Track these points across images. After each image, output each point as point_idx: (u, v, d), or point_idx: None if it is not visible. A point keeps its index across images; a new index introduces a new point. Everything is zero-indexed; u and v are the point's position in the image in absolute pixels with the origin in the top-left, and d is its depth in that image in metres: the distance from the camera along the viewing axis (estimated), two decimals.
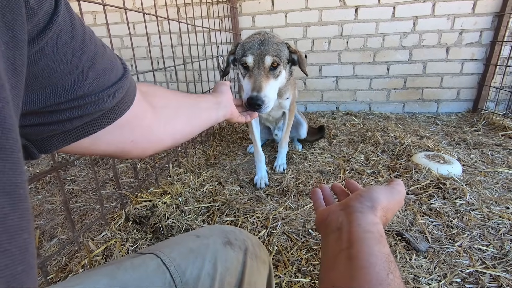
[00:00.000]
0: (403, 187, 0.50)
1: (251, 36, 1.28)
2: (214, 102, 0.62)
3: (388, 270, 0.32)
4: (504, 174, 1.51)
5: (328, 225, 0.43)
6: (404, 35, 2.56)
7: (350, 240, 0.37)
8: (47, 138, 0.31)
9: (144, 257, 0.42)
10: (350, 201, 0.45)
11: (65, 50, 0.27)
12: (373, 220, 0.40)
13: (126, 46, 3.09)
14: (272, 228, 1.16)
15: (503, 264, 0.94)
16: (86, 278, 0.37)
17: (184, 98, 0.54)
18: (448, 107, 2.72)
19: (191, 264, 0.42)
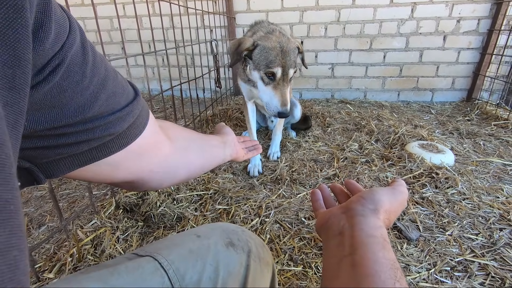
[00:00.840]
0: (406, 188, 0.48)
1: (268, 38, 1.19)
2: (220, 141, 0.62)
3: (394, 278, 0.30)
4: (495, 164, 1.52)
5: (329, 229, 0.41)
6: (401, 22, 2.52)
7: (353, 246, 0.35)
8: (54, 162, 0.29)
9: (140, 260, 0.39)
10: (351, 203, 0.43)
11: (76, 69, 0.26)
12: (376, 223, 0.38)
13: (116, 28, 2.98)
14: (265, 217, 1.16)
15: (491, 253, 0.96)
16: (75, 282, 0.35)
17: (194, 133, 0.55)
18: (443, 96, 2.71)
19: (191, 268, 0.40)
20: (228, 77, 2.90)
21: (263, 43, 1.15)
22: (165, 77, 2.92)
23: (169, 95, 2.90)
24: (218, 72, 2.24)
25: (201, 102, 2.06)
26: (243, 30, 2.78)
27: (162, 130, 0.42)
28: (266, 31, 1.22)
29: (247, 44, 1.16)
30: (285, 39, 1.18)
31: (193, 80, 1.84)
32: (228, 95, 2.86)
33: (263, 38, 1.17)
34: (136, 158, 0.36)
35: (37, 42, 0.21)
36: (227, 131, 0.69)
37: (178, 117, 2.29)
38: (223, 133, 0.68)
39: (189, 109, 2.18)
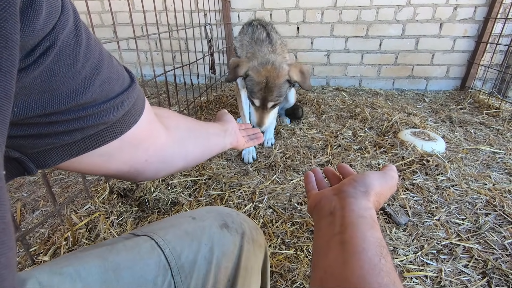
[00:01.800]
0: (396, 173, 0.50)
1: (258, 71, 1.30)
2: (221, 129, 0.61)
3: (380, 255, 0.32)
4: (485, 151, 1.56)
5: (321, 210, 0.43)
6: (398, 8, 2.49)
7: (343, 225, 0.36)
8: (45, 152, 0.28)
9: (138, 239, 0.40)
10: (343, 186, 0.44)
11: (68, 52, 0.24)
12: (366, 205, 0.40)
13: (107, 11, 2.90)
14: (258, 202, 1.17)
15: (476, 237, 0.99)
16: (75, 259, 0.35)
17: (193, 121, 0.53)
18: (437, 84, 2.73)
19: (186, 247, 0.41)
20: (223, 63, 2.86)
21: (252, 74, 1.29)
22: (158, 62, 2.87)
23: (162, 81, 2.85)
24: (212, 57, 2.20)
25: (195, 88, 2.03)
26: (238, 14, 2.72)
27: (158, 119, 0.41)
28: (260, 62, 1.30)
29: (243, 70, 1.31)
30: (275, 74, 1.27)
31: (187, 65, 1.82)
32: (223, 81, 2.83)
33: (254, 70, 1.29)
34: (131, 148, 0.35)
35: (25, 22, 0.20)
36: (229, 119, 0.68)
37: (172, 103, 2.26)
38: (224, 120, 0.67)
39: (183, 95, 2.15)
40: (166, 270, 0.38)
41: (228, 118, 0.68)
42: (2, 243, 0.16)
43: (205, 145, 0.54)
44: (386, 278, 0.29)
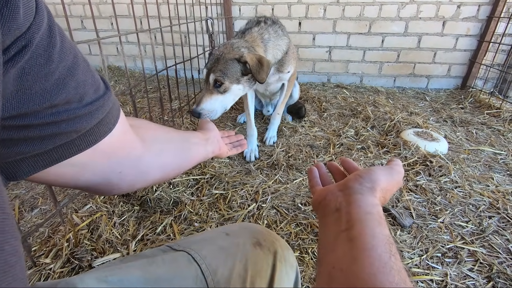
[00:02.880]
0: (402, 167, 0.49)
1: (219, 47, 1.31)
2: (202, 138, 0.60)
3: (390, 252, 0.31)
4: (487, 152, 1.56)
5: (327, 206, 0.42)
6: (402, 5, 2.46)
7: (350, 222, 0.36)
8: (16, 163, 0.27)
9: (175, 254, 0.42)
10: (349, 182, 0.43)
11: (41, 52, 0.24)
12: (372, 201, 0.39)
13: (106, 2, 2.82)
14: (261, 202, 1.16)
15: (480, 240, 0.99)
16: (119, 270, 0.37)
17: (172, 132, 0.52)
18: (438, 83, 2.72)
19: (222, 264, 0.42)
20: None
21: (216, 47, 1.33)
22: (158, 56, 2.81)
23: (163, 75, 2.81)
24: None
25: (196, 82, 2.00)
26: (239, 8, 2.68)
27: (135, 130, 0.40)
28: (222, 44, 1.32)
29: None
30: (226, 50, 1.26)
31: (188, 60, 1.78)
32: None
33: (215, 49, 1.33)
34: (104, 158, 0.34)
35: (1, 21, 0.20)
36: (210, 127, 0.68)
37: (172, 98, 2.23)
38: (206, 129, 0.66)
39: (184, 90, 2.12)
40: (203, 283, 0.39)
41: (210, 126, 0.68)
42: (4, 231, 0.16)
43: (185, 156, 0.53)
44: (397, 276, 0.28)
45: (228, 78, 1.24)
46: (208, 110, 1.25)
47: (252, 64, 1.24)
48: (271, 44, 1.39)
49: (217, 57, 1.24)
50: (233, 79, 1.25)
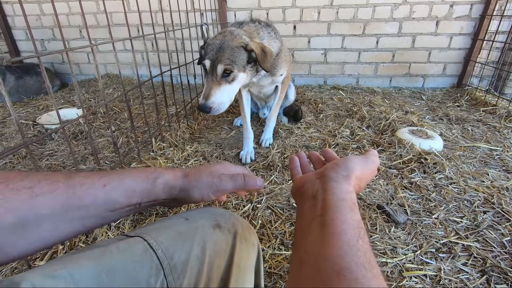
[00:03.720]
0: (377, 157, 0.52)
1: (216, 36, 1.25)
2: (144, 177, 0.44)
3: (358, 236, 0.33)
4: (482, 149, 1.56)
5: (304, 193, 0.44)
6: (395, 6, 2.49)
7: (324, 208, 0.38)
8: None
9: (130, 241, 0.41)
10: (326, 170, 0.45)
11: None
12: (347, 188, 0.41)
13: (102, 11, 2.87)
14: (257, 203, 1.17)
15: (475, 235, 0.99)
16: (70, 262, 0.35)
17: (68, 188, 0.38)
18: (434, 82, 2.73)
19: (179, 248, 0.42)
20: None
21: (209, 41, 1.23)
22: (155, 63, 2.85)
23: (159, 81, 2.84)
24: None
25: (192, 88, 2.03)
26: (234, 13, 2.71)
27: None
28: (220, 32, 1.27)
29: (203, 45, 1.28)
30: (228, 38, 1.20)
31: (184, 65, 1.80)
32: None
33: (210, 38, 1.25)
34: None
35: None
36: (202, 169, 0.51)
37: (169, 103, 2.25)
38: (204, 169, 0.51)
39: (180, 96, 2.14)
40: (159, 270, 0.39)
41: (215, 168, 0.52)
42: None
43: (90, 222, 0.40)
44: (363, 257, 0.30)
45: (237, 66, 1.20)
46: (218, 103, 1.20)
47: (258, 53, 1.22)
48: (266, 42, 1.39)
49: (220, 46, 1.17)
50: (240, 67, 1.22)
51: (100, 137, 1.79)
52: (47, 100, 2.56)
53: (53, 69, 3.19)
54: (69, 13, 2.93)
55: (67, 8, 2.90)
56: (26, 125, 1.97)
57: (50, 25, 3.04)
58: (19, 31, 3.12)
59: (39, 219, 0.34)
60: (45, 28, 3.05)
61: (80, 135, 1.80)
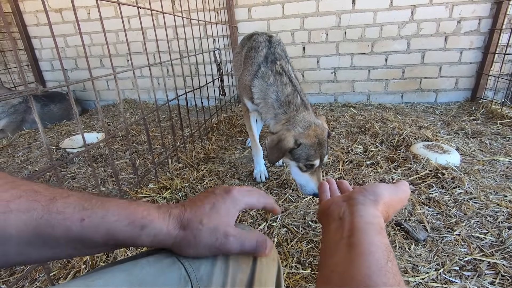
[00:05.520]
0: (408, 188, 0.51)
1: (308, 135, 1.15)
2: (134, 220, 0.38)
3: (387, 258, 0.33)
4: (502, 162, 1.52)
5: (330, 215, 0.44)
6: (402, 25, 2.54)
7: (351, 230, 0.38)
8: None
9: (159, 255, 0.41)
10: (353, 193, 0.46)
11: None
12: (374, 213, 0.41)
13: (122, 41, 3.06)
14: (272, 221, 1.17)
15: (500, 252, 0.95)
16: (103, 273, 0.36)
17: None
18: (447, 96, 2.71)
19: (204, 260, 0.42)
20: (232, 85, 2.94)
21: (305, 141, 1.14)
22: (170, 87, 2.97)
23: (174, 104, 2.95)
24: (222, 80, 2.28)
25: (206, 110, 2.10)
26: None
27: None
28: (304, 126, 1.17)
29: (290, 143, 1.13)
30: (320, 131, 1.18)
31: (198, 89, 1.88)
32: (232, 102, 2.89)
33: (303, 136, 1.15)
34: None
35: None
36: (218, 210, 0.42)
37: (184, 125, 2.32)
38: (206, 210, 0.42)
39: (194, 117, 2.22)
40: (187, 282, 0.40)
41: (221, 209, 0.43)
42: None
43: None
44: (392, 279, 0.30)
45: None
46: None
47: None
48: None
49: (321, 143, 1.17)
50: None
51: (118, 159, 1.86)
52: (69, 126, 2.69)
53: (75, 96, 3.37)
54: (90, 44, 3.14)
55: (89, 39, 3.11)
56: (50, 150, 2.07)
57: (73, 56, 3.25)
58: (45, 63, 3.34)
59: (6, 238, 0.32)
60: (69, 59, 3.26)
61: (99, 158, 1.87)
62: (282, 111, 1.23)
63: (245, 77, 1.39)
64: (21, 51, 3.22)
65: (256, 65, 1.34)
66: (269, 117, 1.27)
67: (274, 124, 1.25)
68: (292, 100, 1.23)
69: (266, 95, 1.27)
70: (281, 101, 1.24)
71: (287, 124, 1.19)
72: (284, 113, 1.23)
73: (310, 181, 1.19)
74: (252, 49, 1.41)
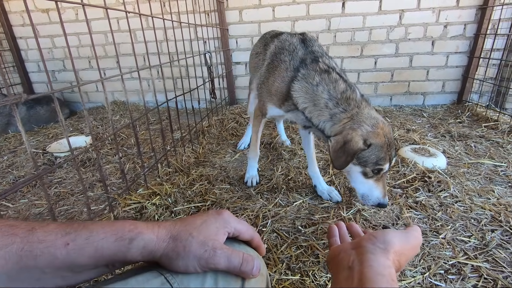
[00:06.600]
0: (420, 234, 0.50)
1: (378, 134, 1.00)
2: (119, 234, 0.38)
3: None
4: (486, 165, 1.56)
5: (339, 263, 0.43)
6: (390, 29, 2.58)
7: (361, 281, 0.37)
8: None
9: (148, 275, 0.41)
10: (362, 241, 0.45)
11: None
12: (385, 263, 0.40)
13: (111, 42, 3.02)
14: (262, 226, 1.17)
15: (484, 255, 0.98)
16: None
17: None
18: (434, 99, 2.77)
19: (193, 280, 0.42)
20: (223, 87, 2.94)
21: (375, 141, 0.99)
22: (160, 89, 2.94)
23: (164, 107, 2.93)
24: (212, 83, 2.27)
25: (196, 113, 2.08)
26: (236, 41, 2.83)
27: None
28: (372, 124, 1.02)
29: (359, 144, 0.98)
30: (387, 129, 1.04)
31: (188, 92, 1.87)
32: (223, 105, 2.89)
33: (373, 135, 1.00)
34: None
35: None
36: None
37: (174, 128, 2.31)
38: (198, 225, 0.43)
39: (185, 120, 2.20)
40: None
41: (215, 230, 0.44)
42: None
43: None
44: None
45: None
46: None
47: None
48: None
49: (391, 143, 1.03)
50: None
51: (107, 164, 1.83)
52: (57, 128, 2.64)
53: (62, 98, 3.31)
54: (79, 45, 3.08)
55: (78, 40, 3.05)
56: (36, 154, 2.03)
57: (61, 57, 3.19)
58: (32, 64, 3.27)
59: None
60: (56, 60, 3.20)
61: (88, 162, 1.84)
62: (341, 109, 1.06)
63: (276, 83, 1.22)
64: (7, 51, 3.15)
65: (293, 69, 1.18)
66: (323, 120, 1.09)
67: (331, 126, 1.08)
68: (351, 95, 1.07)
69: (315, 97, 1.10)
70: (337, 99, 1.07)
71: (351, 123, 1.02)
72: (344, 111, 1.05)
73: (375, 189, 1.05)
74: (284, 51, 1.24)
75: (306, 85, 1.12)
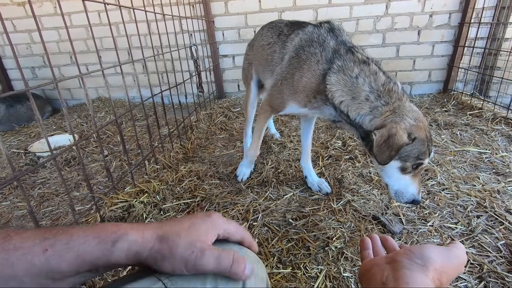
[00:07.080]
0: (464, 252, 0.45)
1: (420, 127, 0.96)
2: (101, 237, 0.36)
3: None
4: (472, 152, 1.59)
5: (372, 278, 0.40)
6: (377, 19, 2.58)
7: None
8: None
9: (146, 281, 0.39)
10: (398, 255, 0.41)
11: None
12: (423, 281, 0.36)
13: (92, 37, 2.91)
14: (253, 221, 1.16)
15: (470, 240, 1.00)
16: None
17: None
18: (421, 88, 2.80)
19: (192, 285, 0.40)
20: (211, 81, 2.89)
21: (418, 135, 0.95)
22: (146, 84, 2.88)
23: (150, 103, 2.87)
24: (199, 76, 2.23)
25: (184, 107, 2.04)
26: (222, 33, 2.77)
27: None
28: (414, 117, 0.98)
29: (404, 138, 0.93)
30: (426, 123, 1.02)
31: (174, 86, 1.83)
32: (212, 99, 2.85)
33: (416, 129, 0.96)
34: None
35: None
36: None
37: (162, 124, 2.26)
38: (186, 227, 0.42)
39: (172, 116, 2.16)
40: None
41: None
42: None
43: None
44: None
45: None
46: None
47: None
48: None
49: (430, 135, 1.00)
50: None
51: (93, 162, 1.79)
52: (39, 127, 2.55)
53: (44, 95, 3.19)
54: (59, 40, 2.97)
55: (57, 35, 2.94)
56: (18, 154, 1.96)
57: (40, 53, 3.07)
58: (9, 60, 3.13)
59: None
60: (36, 56, 3.08)
61: (73, 161, 1.79)
62: (383, 102, 1.00)
63: (305, 78, 1.15)
64: None
65: (325, 61, 1.10)
66: (363, 113, 1.04)
67: (370, 119, 1.02)
68: (392, 88, 1.01)
69: (355, 89, 1.03)
70: (378, 91, 1.01)
71: (393, 116, 0.98)
72: (386, 104, 1.00)
73: (411, 185, 1.01)
74: (313, 43, 1.16)
75: (344, 77, 1.05)
